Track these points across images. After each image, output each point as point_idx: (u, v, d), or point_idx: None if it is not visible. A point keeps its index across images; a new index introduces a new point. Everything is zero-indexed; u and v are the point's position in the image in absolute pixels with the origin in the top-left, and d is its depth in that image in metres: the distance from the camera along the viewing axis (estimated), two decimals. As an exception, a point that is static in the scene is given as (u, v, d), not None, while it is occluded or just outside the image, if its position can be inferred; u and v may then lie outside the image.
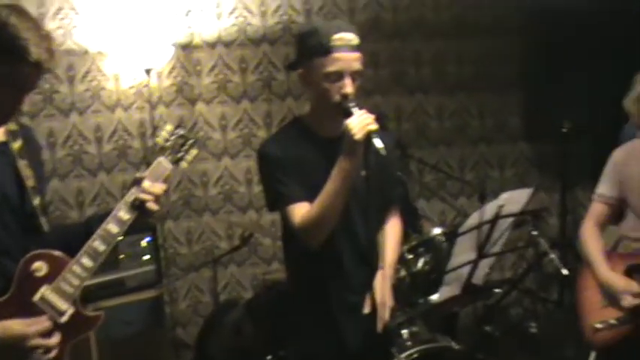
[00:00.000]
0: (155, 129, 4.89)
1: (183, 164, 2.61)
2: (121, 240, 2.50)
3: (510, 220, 3.38)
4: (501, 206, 3.20)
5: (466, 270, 3.31)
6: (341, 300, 2.86)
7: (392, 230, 3.06)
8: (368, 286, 2.84)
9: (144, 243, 4.51)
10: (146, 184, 2.43)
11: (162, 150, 2.54)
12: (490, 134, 5.75)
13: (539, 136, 5.60)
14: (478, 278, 3.39)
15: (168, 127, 2.60)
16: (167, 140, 2.55)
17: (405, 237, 3.79)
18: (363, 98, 5.33)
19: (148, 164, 2.77)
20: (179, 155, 2.58)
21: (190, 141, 2.61)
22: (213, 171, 5.20)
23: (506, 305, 5.35)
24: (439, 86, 5.60)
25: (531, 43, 5.50)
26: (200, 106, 5.12)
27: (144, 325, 4.53)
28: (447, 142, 5.67)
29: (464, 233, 3.17)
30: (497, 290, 4.84)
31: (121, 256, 4.42)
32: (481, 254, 3.28)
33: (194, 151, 2.63)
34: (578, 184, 5.56)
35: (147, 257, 4.50)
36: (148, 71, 4.85)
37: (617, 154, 3.48)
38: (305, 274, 2.90)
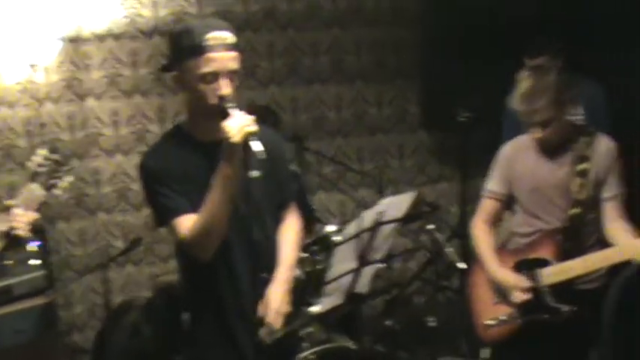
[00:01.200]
0: (43, 126, 4.81)
1: (57, 191, 2.54)
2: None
3: (392, 225, 3.41)
4: (382, 212, 3.25)
5: (346, 279, 3.32)
6: (236, 309, 2.85)
7: (289, 230, 3.05)
8: (262, 290, 2.84)
9: (32, 248, 4.43)
10: (17, 212, 2.39)
11: (34, 176, 2.48)
12: (388, 124, 5.82)
13: (439, 126, 5.70)
14: (362, 286, 3.41)
15: (42, 152, 2.54)
16: (40, 165, 2.49)
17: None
18: (259, 90, 5.39)
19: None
20: (52, 182, 2.53)
21: (65, 168, 2.55)
22: (106, 168, 5.13)
23: (409, 295, 5.49)
24: (336, 76, 5.63)
25: (429, 31, 5.58)
26: (90, 102, 5.03)
27: (36, 332, 4.47)
28: (344, 132, 5.71)
29: (342, 243, 3.19)
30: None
31: (9, 263, 4.35)
32: (363, 262, 3.32)
33: (69, 178, 2.57)
34: (478, 173, 5.71)
35: (36, 262, 4.44)
36: (32, 66, 4.75)
37: (505, 150, 3.60)
38: (199, 284, 2.87)
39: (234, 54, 2.67)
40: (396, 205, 3.32)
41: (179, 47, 2.68)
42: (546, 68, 3.69)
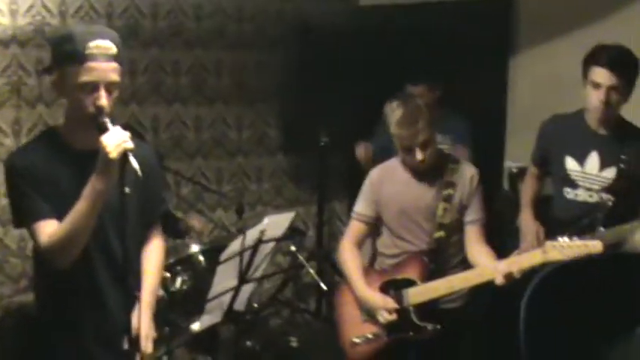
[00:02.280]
0: None
1: None
2: None
3: (272, 244, 3.54)
4: (263, 231, 3.36)
5: (227, 297, 3.42)
6: (96, 330, 2.83)
7: (153, 252, 3.05)
8: (126, 314, 2.77)
9: None
10: None
11: None
12: (248, 146, 5.92)
13: (297, 149, 5.88)
14: (240, 304, 3.51)
15: None
16: None
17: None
18: (120, 108, 5.36)
19: None
20: None
21: None
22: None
23: (265, 317, 5.59)
24: (197, 97, 5.68)
25: (290, 55, 5.76)
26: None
27: None
28: (204, 153, 5.76)
29: (225, 261, 3.26)
30: (255, 305, 5.09)
31: None
32: (243, 280, 3.41)
33: None
34: (335, 196, 5.94)
35: None
36: None
37: (374, 174, 3.78)
38: (56, 300, 2.83)
39: (115, 65, 2.67)
40: (276, 223, 3.43)
41: (60, 52, 2.66)
42: (412, 95, 3.94)
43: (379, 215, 3.73)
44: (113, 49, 2.66)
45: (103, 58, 2.62)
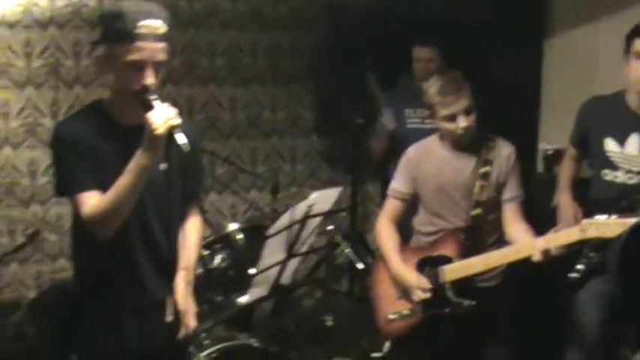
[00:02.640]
0: None
1: None
2: None
3: (319, 219, 3.60)
4: (311, 205, 3.40)
5: (274, 270, 3.49)
6: (134, 304, 2.87)
7: (193, 229, 3.10)
8: (164, 290, 2.87)
9: None
10: None
11: None
12: (282, 127, 5.96)
13: (331, 131, 5.90)
14: (286, 278, 3.58)
15: None
16: None
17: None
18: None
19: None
20: None
21: None
22: (-7, 161, 5.06)
23: (298, 297, 5.65)
24: (232, 78, 5.73)
25: (324, 37, 5.78)
26: (-22, 93, 4.96)
27: None
28: (238, 134, 5.81)
29: (275, 234, 3.32)
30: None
31: None
32: (290, 254, 3.47)
33: None
34: (368, 179, 5.97)
35: None
36: None
37: (411, 151, 3.81)
38: (94, 272, 2.87)
39: (163, 45, 2.70)
40: (324, 199, 3.49)
41: (109, 29, 2.68)
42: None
43: (416, 192, 3.76)
44: (162, 29, 2.70)
45: (152, 37, 2.65)
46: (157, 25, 2.68)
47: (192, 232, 3.10)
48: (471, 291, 3.57)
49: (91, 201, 2.71)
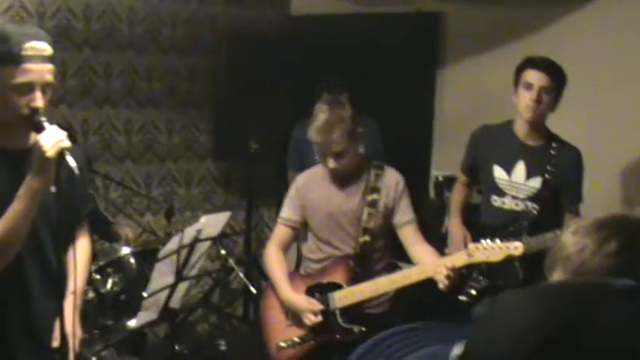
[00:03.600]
0: None
1: None
2: None
3: (208, 243, 3.63)
4: (200, 230, 3.44)
5: (163, 294, 3.50)
6: (24, 328, 2.83)
7: (80, 252, 3.03)
8: (54, 313, 2.82)
9: None
10: None
11: None
12: (178, 151, 5.97)
13: (227, 155, 5.93)
14: (175, 301, 3.60)
15: None
16: None
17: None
18: (49, 110, 5.36)
19: None
20: None
21: None
22: None
23: (192, 323, 5.65)
24: (128, 100, 5.72)
25: (222, 62, 5.82)
26: None
27: None
28: (133, 157, 5.79)
29: (164, 258, 3.34)
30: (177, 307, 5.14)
31: None
32: (179, 278, 3.50)
33: None
34: (263, 203, 6.03)
35: None
36: None
37: (300, 179, 3.87)
38: None
39: (50, 66, 2.68)
40: (213, 223, 3.51)
41: None
42: (342, 103, 4.06)
43: (305, 220, 3.82)
44: (49, 50, 2.67)
45: (39, 59, 2.62)
46: (43, 47, 2.65)
47: (79, 255, 3.01)
48: (360, 317, 3.64)
49: None
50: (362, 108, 4.88)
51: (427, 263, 3.53)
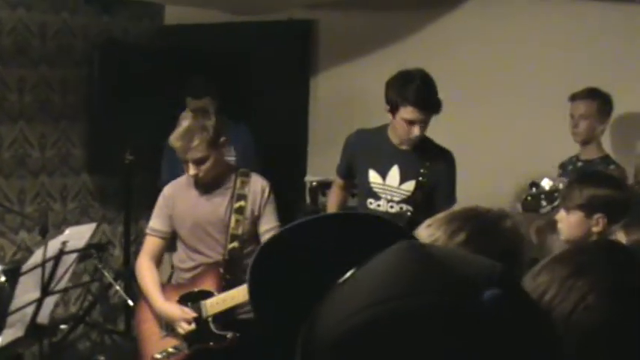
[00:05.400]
0: None
1: None
2: None
3: (75, 255, 3.61)
4: (65, 242, 3.42)
5: (30, 310, 3.46)
6: None
7: None
8: None
9: None
10: None
11: None
12: (51, 165, 5.88)
13: (102, 168, 5.86)
14: (43, 317, 3.55)
15: None
16: None
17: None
18: None
19: None
20: None
21: None
22: None
23: (73, 340, 5.57)
24: (-2, 115, 5.62)
25: (95, 73, 5.76)
26: None
27: None
28: (5, 173, 5.66)
29: (27, 272, 3.31)
30: (62, 326, 5.09)
31: None
32: (46, 292, 3.46)
33: None
34: (141, 215, 6.00)
35: None
36: None
37: (167, 189, 3.92)
38: None
39: None
40: (78, 235, 3.50)
41: None
42: (207, 110, 4.11)
43: (174, 230, 3.86)
44: None
45: None
46: None
47: None
48: (234, 323, 3.70)
49: None
50: (236, 116, 5.01)
51: None
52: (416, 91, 3.77)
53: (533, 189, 3.74)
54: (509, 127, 4.81)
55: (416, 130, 3.81)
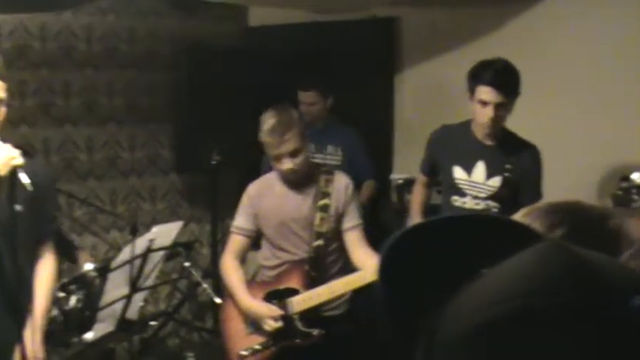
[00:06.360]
0: None
1: None
2: None
3: (162, 253, 3.70)
4: (152, 240, 3.50)
5: (120, 306, 3.56)
6: None
7: (44, 271, 3.14)
8: (15, 335, 2.90)
9: None
10: None
11: None
12: (141, 166, 6.04)
13: (190, 169, 6.00)
14: (133, 313, 3.65)
15: None
16: None
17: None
18: (10, 130, 5.42)
19: None
20: None
21: None
22: None
23: (163, 337, 5.70)
24: (89, 118, 5.78)
25: (182, 75, 5.90)
26: None
27: None
28: (97, 175, 5.85)
29: (116, 268, 3.40)
30: (152, 323, 5.21)
31: None
32: (134, 288, 3.56)
33: None
34: (228, 214, 6.09)
35: None
36: None
37: (252, 188, 3.95)
38: None
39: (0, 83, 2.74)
40: (165, 233, 3.58)
41: None
42: (287, 108, 4.16)
43: (258, 228, 3.89)
44: None
45: None
46: None
47: (43, 275, 3.13)
48: (319, 320, 3.73)
49: None
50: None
51: (366, 269, 3.60)
52: (493, 71, 3.75)
53: (624, 183, 3.66)
54: (598, 122, 4.71)
55: (489, 112, 3.75)
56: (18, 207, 2.77)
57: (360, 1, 5.61)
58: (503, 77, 3.76)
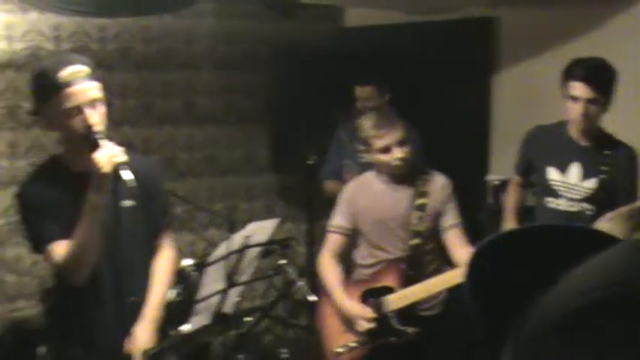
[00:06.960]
0: None
1: None
2: None
3: (258, 249, 3.77)
4: (248, 236, 3.59)
5: (216, 299, 3.65)
6: (101, 339, 3.04)
7: (162, 264, 3.27)
8: (127, 325, 3.05)
9: None
10: None
11: None
12: (238, 166, 6.16)
13: (286, 168, 6.09)
14: (228, 307, 3.74)
15: None
16: None
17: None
18: (112, 130, 5.60)
19: None
20: None
21: None
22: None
23: (258, 333, 5.80)
24: (189, 117, 5.93)
25: (278, 76, 6.00)
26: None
27: None
28: (195, 173, 6.00)
29: (213, 263, 3.49)
30: (248, 319, 5.30)
31: None
32: (230, 283, 3.64)
33: None
34: (324, 214, 6.15)
35: None
36: None
37: (349, 187, 4.00)
38: (66, 311, 3.06)
39: (93, 84, 2.84)
40: (261, 230, 3.65)
41: (38, 90, 2.85)
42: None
43: (355, 227, 3.93)
44: (85, 70, 2.84)
45: (78, 81, 2.80)
46: (78, 69, 2.82)
47: (161, 267, 3.27)
48: (415, 319, 3.74)
49: (59, 250, 2.88)
50: (414, 115, 5.08)
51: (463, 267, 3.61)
52: (585, 67, 3.71)
53: None
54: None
55: (580, 108, 3.70)
56: (127, 202, 2.89)
57: (457, 2, 5.59)
58: (594, 73, 3.71)
